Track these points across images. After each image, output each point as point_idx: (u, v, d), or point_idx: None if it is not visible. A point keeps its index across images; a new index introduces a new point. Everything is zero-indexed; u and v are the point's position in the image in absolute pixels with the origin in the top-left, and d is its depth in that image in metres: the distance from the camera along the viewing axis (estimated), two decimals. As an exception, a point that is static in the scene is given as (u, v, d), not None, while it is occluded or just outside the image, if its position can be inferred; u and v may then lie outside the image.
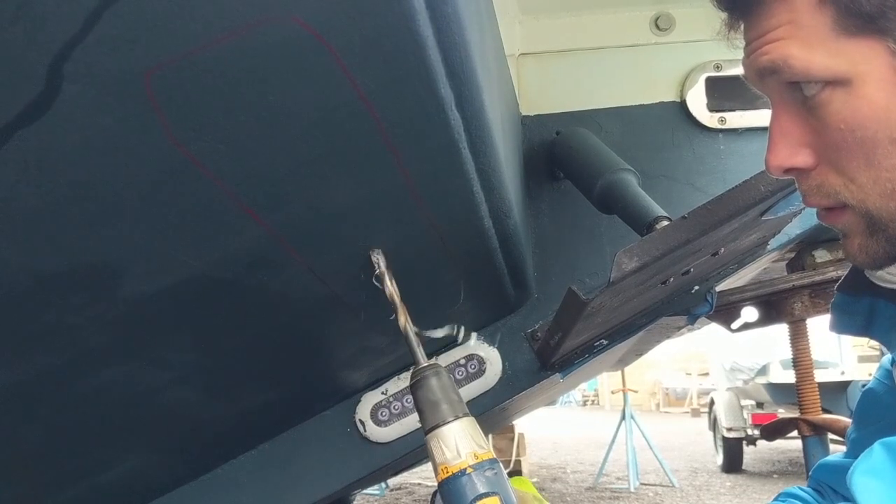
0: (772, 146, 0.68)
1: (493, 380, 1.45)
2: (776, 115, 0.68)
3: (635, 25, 1.58)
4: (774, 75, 0.65)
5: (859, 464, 0.61)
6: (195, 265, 0.85)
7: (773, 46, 0.64)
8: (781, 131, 0.67)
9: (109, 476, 1.23)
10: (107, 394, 1.02)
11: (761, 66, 0.65)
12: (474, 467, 0.77)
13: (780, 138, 0.67)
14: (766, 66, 0.65)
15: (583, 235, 1.53)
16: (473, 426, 0.81)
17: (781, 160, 0.68)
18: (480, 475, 0.77)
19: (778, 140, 0.67)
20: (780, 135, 0.67)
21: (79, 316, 0.84)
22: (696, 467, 9.52)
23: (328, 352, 1.27)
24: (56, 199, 0.67)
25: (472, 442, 0.79)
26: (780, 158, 0.68)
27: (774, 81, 0.66)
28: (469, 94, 0.79)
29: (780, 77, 0.65)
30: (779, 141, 0.67)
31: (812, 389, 2.10)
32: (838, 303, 0.86)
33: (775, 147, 0.68)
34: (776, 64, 0.64)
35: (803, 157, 0.67)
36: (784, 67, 0.63)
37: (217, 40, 0.60)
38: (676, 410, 22.87)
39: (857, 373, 7.89)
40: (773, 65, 0.64)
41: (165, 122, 0.64)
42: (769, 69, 0.65)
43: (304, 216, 0.86)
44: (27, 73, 0.56)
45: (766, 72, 0.66)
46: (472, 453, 0.78)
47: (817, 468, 0.99)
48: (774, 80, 0.66)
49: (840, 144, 0.64)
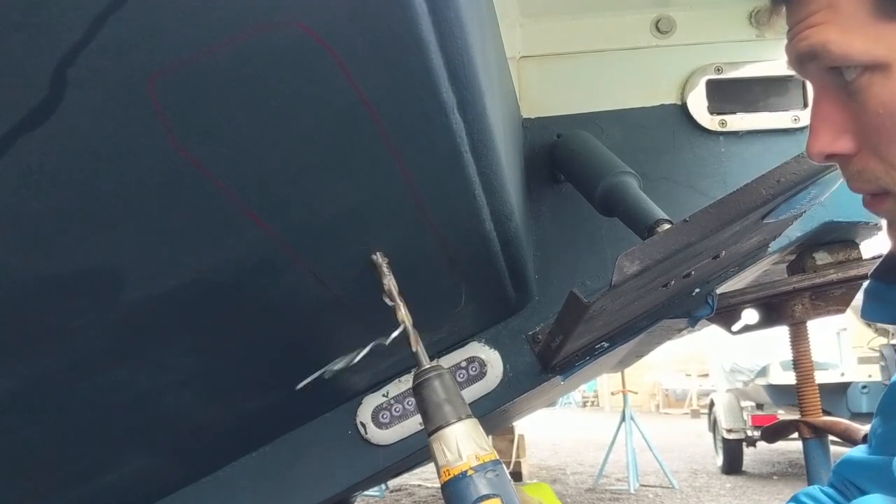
0: (813, 132, 0.67)
1: (494, 382, 1.45)
2: (817, 100, 0.67)
3: (636, 28, 1.58)
4: (814, 61, 0.65)
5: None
6: (197, 269, 0.85)
7: (812, 31, 0.63)
8: (823, 117, 0.67)
9: (110, 479, 1.23)
10: (108, 397, 1.02)
11: (801, 52, 0.65)
12: (476, 469, 0.77)
13: (822, 124, 0.67)
14: (805, 52, 0.65)
15: (584, 238, 1.53)
16: (476, 428, 0.81)
17: (822, 146, 0.67)
18: (482, 477, 0.77)
19: (819, 126, 0.67)
20: (821, 120, 0.67)
21: (81, 319, 0.84)
22: (696, 469, 9.51)
23: (329, 354, 1.27)
24: (59, 203, 0.67)
25: (474, 444, 0.79)
26: (821, 144, 0.67)
27: (814, 67, 0.66)
28: (471, 98, 0.79)
29: (820, 62, 0.64)
30: (820, 127, 0.67)
31: (813, 391, 2.10)
32: (872, 290, 0.85)
33: (817, 133, 0.67)
34: (815, 49, 0.64)
35: (844, 143, 0.66)
36: (823, 52, 0.63)
37: (220, 45, 0.60)
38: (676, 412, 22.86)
39: (857, 374, 7.89)
40: (812, 50, 0.64)
41: (168, 126, 0.64)
42: (809, 54, 0.65)
43: (306, 220, 0.86)
44: (31, 79, 0.56)
45: (805, 57, 0.65)
46: (475, 455, 0.78)
47: (840, 464, 0.96)
48: (814, 65, 0.65)
49: (880, 129, 0.63)
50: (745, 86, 1.57)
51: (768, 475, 8.72)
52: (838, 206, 1.60)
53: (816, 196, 1.09)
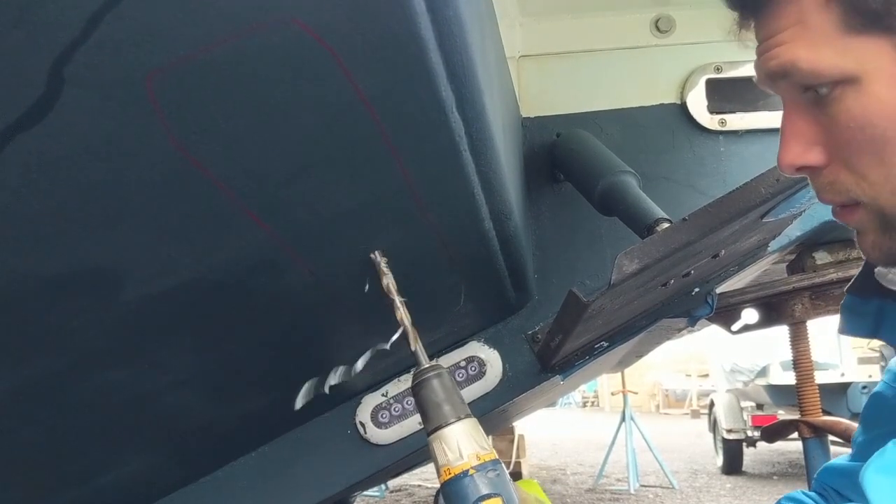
0: (784, 145, 0.68)
1: (493, 382, 1.45)
2: (787, 114, 0.68)
3: (636, 27, 1.58)
4: (785, 79, 0.66)
5: (872, 461, 0.61)
6: (196, 268, 0.85)
7: (782, 50, 0.64)
8: (793, 130, 0.68)
9: (110, 478, 1.23)
10: (108, 396, 1.02)
11: (771, 71, 0.66)
12: (477, 468, 0.77)
13: (792, 137, 0.68)
14: (776, 71, 0.66)
15: (583, 237, 1.53)
16: (475, 427, 0.81)
17: (793, 158, 0.68)
18: (483, 476, 0.77)
19: (790, 139, 0.68)
20: (791, 134, 0.68)
21: (80, 319, 0.84)
22: (696, 469, 9.51)
23: (328, 354, 1.27)
24: (57, 202, 0.67)
25: (474, 443, 0.78)
26: (791, 157, 0.68)
27: (785, 84, 0.66)
28: (470, 97, 0.79)
29: (791, 80, 0.65)
30: (790, 139, 0.68)
31: (812, 391, 2.10)
32: (848, 304, 0.87)
33: (787, 145, 0.68)
34: (785, 68, 0.64)
35: (815, 156, 0.67)
36: (793, 71, 0.64)
37: (218, 43, 0.60)
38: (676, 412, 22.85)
39: (857, 374, 7.89)
40: (783, 69, 0.65)
41: (166, 124, 0.64)
42: (779, 73, 0.65)
43: (305, 219, 0.86)
44: (28, 76, 0.56)
45: (776, 76, 0.66)
46: (475, 454, 0.78)
47: (822, 472, 0.98)
48: (785, 82, 0.66)
49: (851, 142, 0.64)
50: (744, 85, 1.56)
51: (768, 475, 8.72)
52: (838, 205, 1.60)
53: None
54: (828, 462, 0.98)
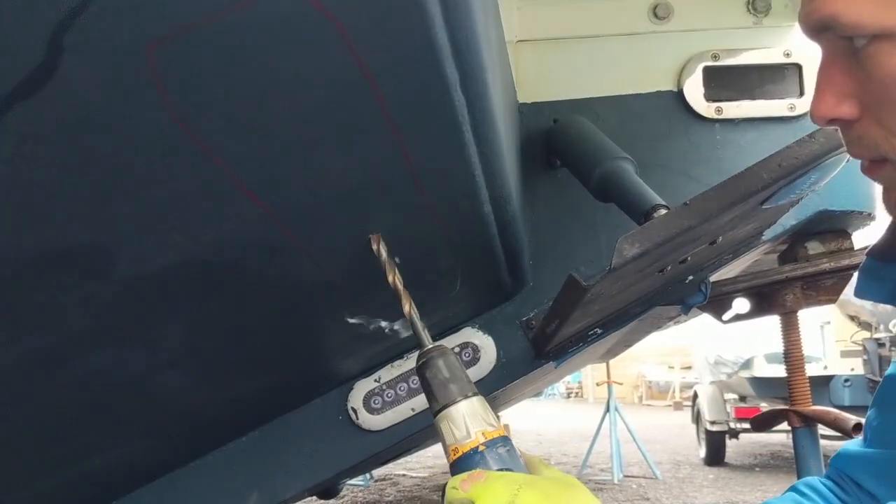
0: (818, 95, 0.68)
1: (487, 367, 1.44)
2: (824, 65, 0.68)
3: (633, 13, 1.57)
4: (826, 31, 0.65)
5: None
6: (191, 246, 0.84)
7: (823, 3, 0.64)
8: (828, 81, 0.67)
9: (99, 461, 1.21)
10: (97, 377, 1.00)
11: (813, 22, 0.66)
12: (487, 445, 0.76)
13: (827, 88, 0.67)
14: (817, 22, 0.65)
15: (578, 224, 1.52)
16: (483, 405, 0.79)
17: (826, 110, 0.68)
18: (493, 452, 0.75)
19: (825, 89, 0.67)
20: (826, 84, 0.67)
21: (70, 297, 0.82)
22: (679, 460, 9.57)
23: (322, 338, 1.26)
24: (51, 173, 0.66)
25: (482, 420, 0.77)
26: (824, 108, 0.67)
27: (826, 36, 0.66)
28: (473, 75, 0.78)
29: (832, 32, 0.65)
30: (825, 90, 0.67)
31: (803, 381, 2.11)
32: (867, 267, 0.86)
33: (821, 96, 0.68)
34: (825, 20, 0.64)
35: (848, 108, 0.67)
36: (834, 23, 0.63)
37: (221, 12, 0.58)
38: (659, 403, 23.02)
39: (839, 367, 7.96)
40: (823, 21, 0.64)
41: (167, 96, 0.63)
42: (821, 25, 0.65)
43: (303, 198, 0.84)
44: (27, 44, 0.55)
45: (818, 27, 0.66)
46: (482, 432, 0.76)
47: (836, 458, 0.97)
48: (826, 35, 0.66)
49: (884, 97, 0.64)
50: (741, 73, 1.56)
51: (750, 467, 8.79)
52: (833, 194, 1.61)
53: (816, 181, 1.09)
54: (842, 448, 0.97)
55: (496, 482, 0.68)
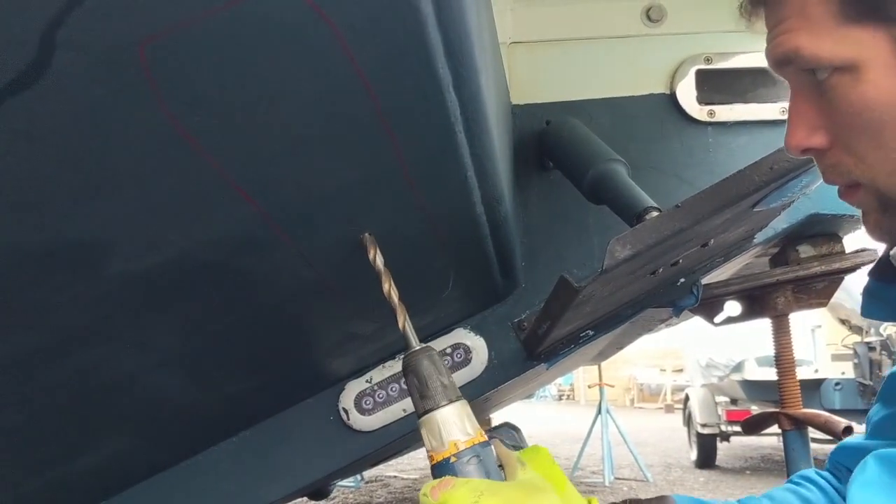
0: (790, 127, 0.72)
1: (478, 369, 1.44)
2: (794, 99, 0.72)
3: (627, 16, 1.57)
4: (789, 64, 0.70)
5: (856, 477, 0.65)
6: (181, 244, 0.84)
7: (786, 38, 0.68)
8: (798, 113, 0.72)
9: (88, 461, 1.21)
10: (87, 376, 1.00)
11: (777, 56, 0.70)
12: (458, 456, 0.77)
13: (798, 120, 0.72)
14: (780, 57, 0.70)
15: (571, 226, 1.52)
16: (461, 411, 0.79)
17: (798, 141, 0.72)
18: (463, 465, 0.76)
19: (795, 122, 0.72)
20: (797, 117, 0.72)
21: (60, 295, 0.82)
22: (671, 462, 9.60)
23: (314, 338, 1.26)
24: (43, 171, 0.65)
25: (457, 429, 0.77)
26: (797, 139, 0.72)
27: (790, 69, 0.71)
28: (467, 76, 0.78)
29: (795, 66, 0.69)
30: (796, 123, 0.72)
31: (793, 384, 2.12)
32: (870, 289, 0.90)
33: (793, 128, 0.72)
34: (788, 54, 0.68)
35: (818, 139, 0.71)
36: (796, 57, 0.68)
37: (214, 11, 0.58)
38: (650, 406, 23.06)
39: (830, 371, 7.99)
40: (787, 56, 0.69)
41: (159, 94, 0.63)
42: (784, 59, 0.69)
43: (295, 197, 0.84)
44: (18, 40, 0.54)
45: (781, 61, 0.70)
46: (455, 442, 0.77)
47: (836, 451, 1.01)
48: (790, 68, 0.70)
49: (850, 126, 0.67)
50: (734, 76, 1.57)
51: (741, 470, 8.81)
52: (823, 198, 1.61)
53: (808, 184, 1.10)
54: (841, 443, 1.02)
55: (460, 489, 0.70)
